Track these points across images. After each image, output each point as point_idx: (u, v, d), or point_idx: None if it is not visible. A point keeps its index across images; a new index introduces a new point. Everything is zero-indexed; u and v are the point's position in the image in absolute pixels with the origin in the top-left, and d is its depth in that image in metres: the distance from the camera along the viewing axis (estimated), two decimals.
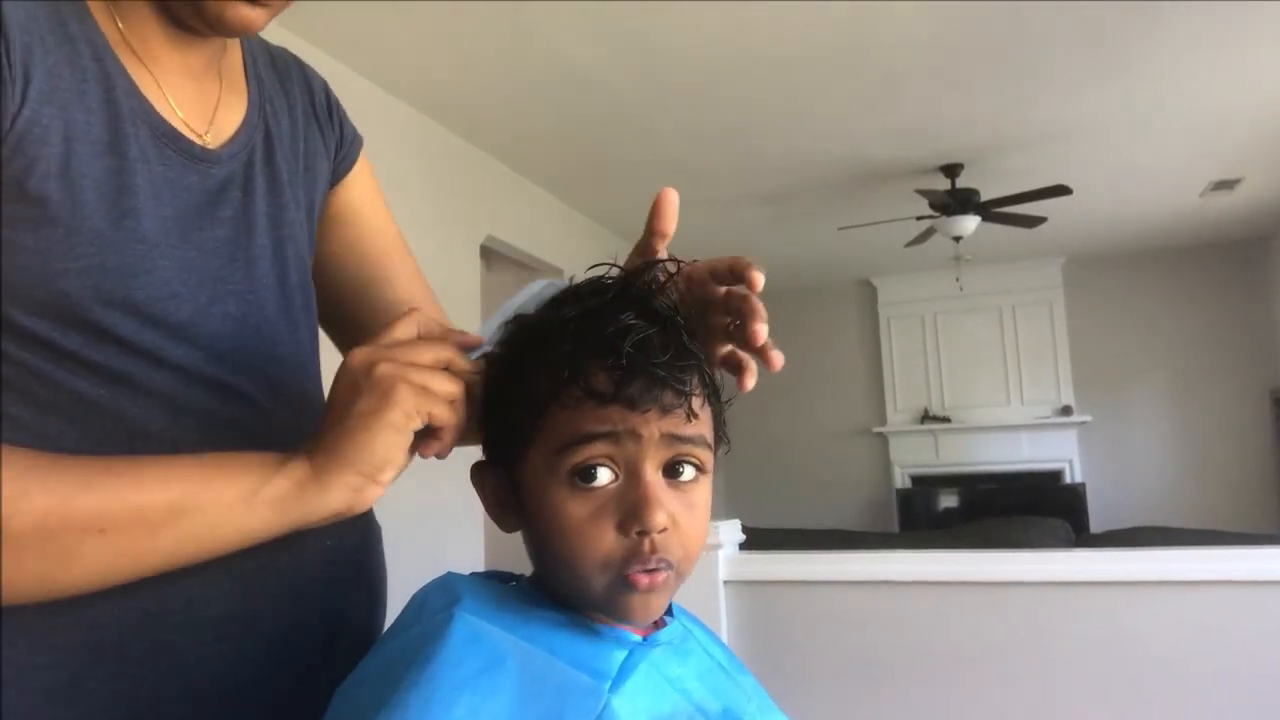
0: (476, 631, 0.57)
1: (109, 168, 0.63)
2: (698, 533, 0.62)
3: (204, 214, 0.69)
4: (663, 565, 0.59)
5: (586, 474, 0.59)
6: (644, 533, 0.58)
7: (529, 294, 0.65)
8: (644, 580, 0.59)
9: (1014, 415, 6.78)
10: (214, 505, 0.57)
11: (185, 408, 0.66)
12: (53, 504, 0.52)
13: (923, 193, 4.44)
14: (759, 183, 4.76)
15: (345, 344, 0.90)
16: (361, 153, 0.91)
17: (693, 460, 0.61)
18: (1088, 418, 6.58)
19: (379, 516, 0.83)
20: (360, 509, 0.61)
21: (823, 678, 1.96)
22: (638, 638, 0.63)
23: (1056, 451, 6.69)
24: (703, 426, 0.61)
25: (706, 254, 0.70)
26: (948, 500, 6.79)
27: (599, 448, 0.58)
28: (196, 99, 0.71)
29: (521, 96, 3.57)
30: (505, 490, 0.64)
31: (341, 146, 0.88)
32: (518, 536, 0.66)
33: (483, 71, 3.34)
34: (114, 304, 0.62)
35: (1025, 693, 1.83)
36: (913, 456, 7.06)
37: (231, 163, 0.72)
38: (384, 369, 0.58)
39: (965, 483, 6.83)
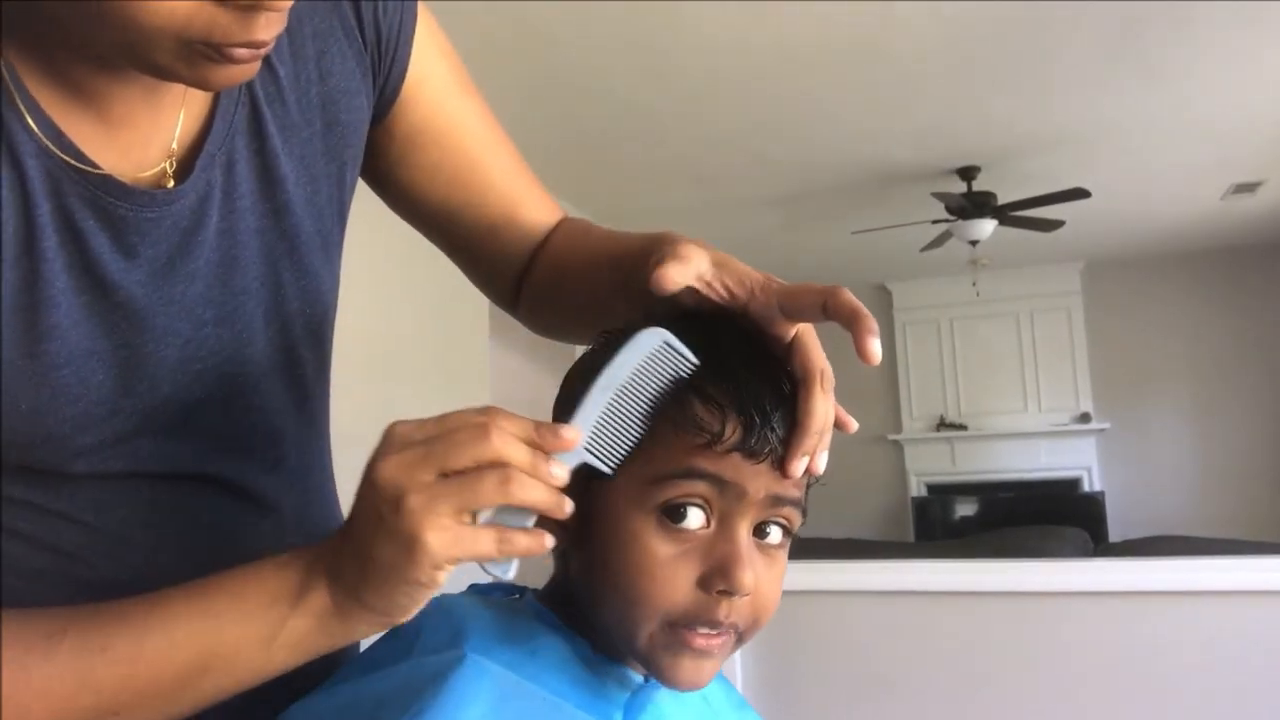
0: (479, 675, 0.53)
1: (23, 279, 0.49)
2: (773, 599, 0.58)
3: (173, 275, 0.55)
4: (730, 630, 0.56)
5: (677, 512, 0.54)
6: (727, 593, 0.54)
7: (641, 351, 0.53)
8: (700, 641, 0.55)
9: (1032, 423, 6.74)
10: (230, 662, 0.49)
11: (135, 515, 0.57)
12: (53, 712, 0.47)
13: (939, 196, 4.40)
14: (772, 185, 4.74)
15: (462, 265, 0.82)
16: (420, 34, 0.69)
17: (783, 522, 0.58)
18: (1106, 425, 6.53)
19: None
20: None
21: (836, 689, 1.94)
22: (640, 678, 0.59)
23: (1075, 459, 6.64)
24: (801, 489, 0.58)
25: None
26: (964, 509, 6.76)
27: (700, 487, 0.54)
28: (150, 118, 0.55)
29: (528, 98, 3.56)
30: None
31: (384, 56, 0.67)
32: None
33: (489, 73, 3.33)
34: (33, 446, 0.52)
35: (1042, 704, 1.81)
36: (929, 464, 7.02)
37: (206, 174, 0.56)
38: (411, 504, 0.45)
39: (982, 491, 6.80)
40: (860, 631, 1.95)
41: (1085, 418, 6.58)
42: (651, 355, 0.53)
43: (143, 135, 0.55)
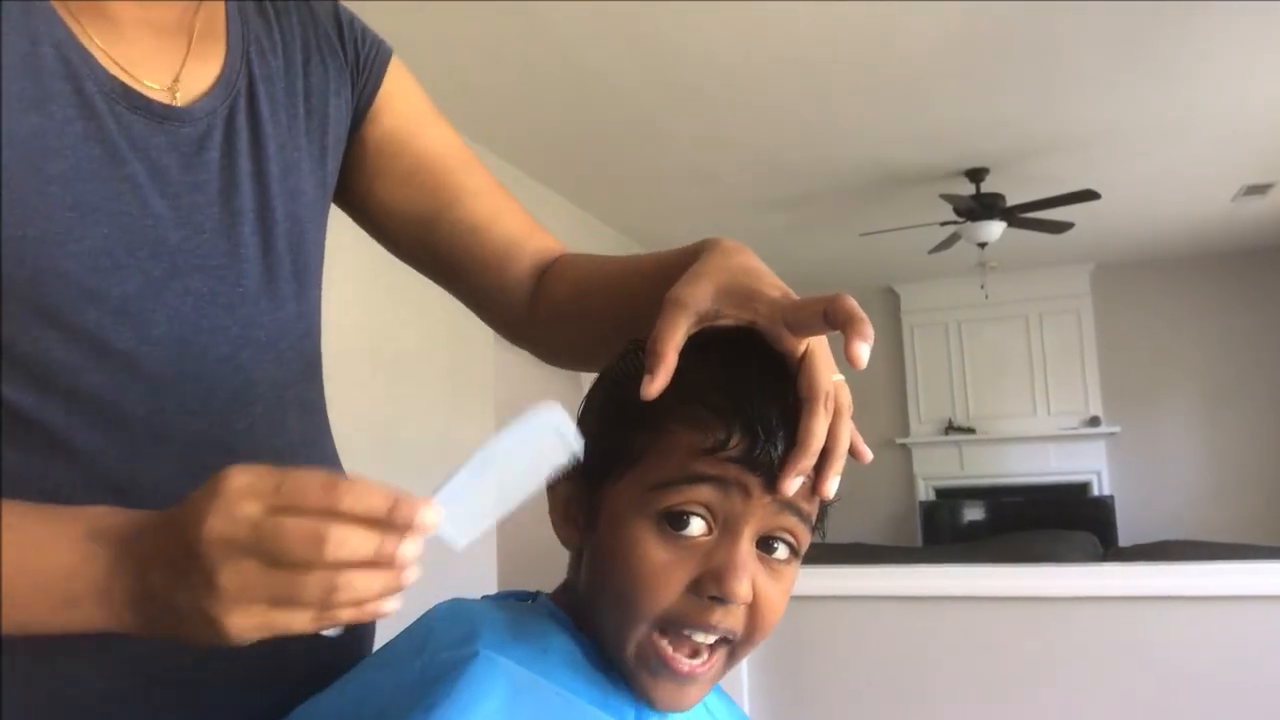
0: (493, 671, 0.52)
1: (32, 130, 0.55)
2: (775, 613, 0.57)
3: (172, 179, 0.61)
4: (723, 636, 0.55)
5: (679, 520, 0.54)
6: (719, 599, 0.54)
7: (528, 429, 0.48)
8: (684, 665, 0.55)
9: (1040, 426, 6.69)
10: (23, 613, 0.47)
11: (121, 416, 0.58)
12: None
13: (947, 198, 4.38)
14: (779, 188, 4.72)
15: (456, 288, 0.83)
16: (393, 67, 0.79)
17: (789, 538, 0.57)
18: (1116, 428, 6.49)
19: None
20: None
21: (842, 694, 1.92)
22: None
23: (1084, 463, 6.60)
24: (815, 507, 0.58)
25: None
26: (972, 513, 6.72)
27: (702, 493, 0.54)
28: (157, 55, 0.63)
29: (535, 99, 3.55)
30: (578, 505, 0.59)
31: (360, 72, 0.77)
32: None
33: (495, 74, 3.32)
34: (43, 278, 0.54)
35: (1052, 710, 1.80)
36: (937, 468, 6.98)
37: (208, 119, 0.64)
38: (222, 586, 0.42)
39: (990, 495, 6.76)
40: (867, 637, 1.94)
41: (1095, 421, 6.54)
42: (539, 435, 0.48)
43: (145, 56, 0.62)
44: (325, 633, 0.45)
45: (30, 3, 0.56)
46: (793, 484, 0.53)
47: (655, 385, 0.53)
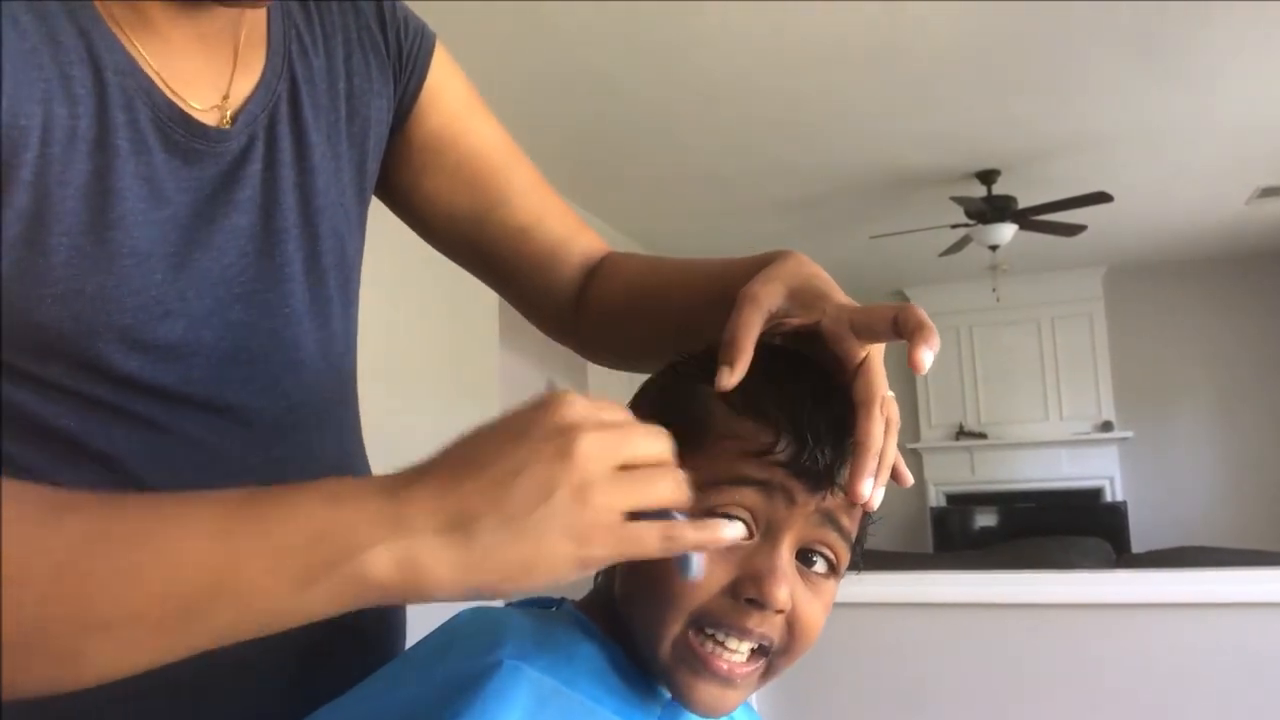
0: (516, 681, 0.51)
1: (95, 170, 0.53)
2: (813, 626, 0.57)
3: (217, 202, 0.60)
4: (762, 644, 0.55)
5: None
6: (756, 603, 0.53)
7: None
8: (722, 665, 0.54)
9: (1053, 431, 6.68)
10: (247, 600, 0.42)
11: (166, 438, 0.58)
12: (40, 592, 0.40)
13: (958, 200, 4.37)
14: (789, 189, 4.72)
15: (499, 285, 0.84)
16: (437, 57, 0.77)
17: (828, 553, 0.57)
18: (1129, 434, 6.47)
19: None
20: None
21: (854, 702, 1.93)
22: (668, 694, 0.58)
23: (1097, 468, 6.58)
24: (855, 525, 0.58)
25: None
26: (984, 519, 6.70)
27: (747, 496, 0.54)
28: (208, 70, 0.61)
29: (541, 102, 3.55)
30: None
31: (404, 68, 0.74)
32: None
33: (504, 73, 3.32)
34: (96, 334, 0.53)
35: (1063, 718, 1.79)
36: (948, 474, 6.97)
37: (250, 129, 0.62)
38: (597, 500, 0.43)
39: (1002, 501, 6.75)
40: (878, 644, 1.93)
41: (1107, 426, 6.51)
42: None
43: (197, 72, 0.60)
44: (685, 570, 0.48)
45: (87, 25, 0.54)
46: (866, 485, 0.53)
47: (733, 377, 0.54)
